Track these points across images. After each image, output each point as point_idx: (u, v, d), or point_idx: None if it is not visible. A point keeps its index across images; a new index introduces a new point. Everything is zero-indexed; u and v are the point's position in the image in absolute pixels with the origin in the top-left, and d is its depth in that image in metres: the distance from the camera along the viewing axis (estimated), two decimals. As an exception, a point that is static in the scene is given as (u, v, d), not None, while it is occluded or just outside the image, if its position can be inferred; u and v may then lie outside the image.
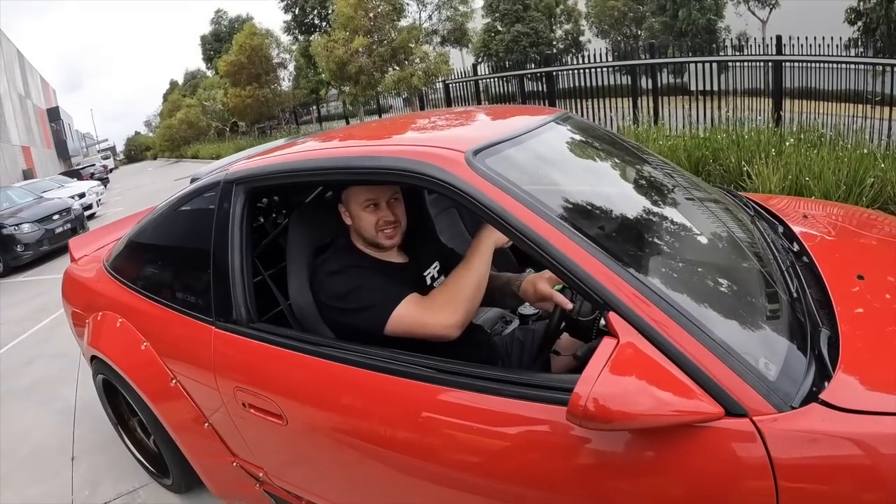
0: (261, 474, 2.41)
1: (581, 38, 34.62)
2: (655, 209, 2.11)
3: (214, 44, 49.87)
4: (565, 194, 1.90)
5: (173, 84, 69.75)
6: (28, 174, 30.73)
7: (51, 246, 12.06)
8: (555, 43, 32.95)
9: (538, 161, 2.01)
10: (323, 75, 25.67)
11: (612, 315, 1.40)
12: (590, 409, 1.26)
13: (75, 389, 4.89)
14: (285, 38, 34.63)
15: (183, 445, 2.68)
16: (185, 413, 2.52)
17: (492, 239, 1.94)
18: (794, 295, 1.70)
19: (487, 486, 1.61)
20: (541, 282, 1.92)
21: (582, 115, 11.01)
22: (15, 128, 33.12)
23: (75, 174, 29.73)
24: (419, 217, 2.61)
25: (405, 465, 1.78)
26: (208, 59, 51.62)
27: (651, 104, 10.03)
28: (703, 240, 2.01)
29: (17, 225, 11.82)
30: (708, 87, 9.39)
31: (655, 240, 1.89)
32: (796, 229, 2.27)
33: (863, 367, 1.44)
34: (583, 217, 1.71)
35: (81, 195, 17.98)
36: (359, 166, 1.92)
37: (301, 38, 35.14)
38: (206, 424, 2.47)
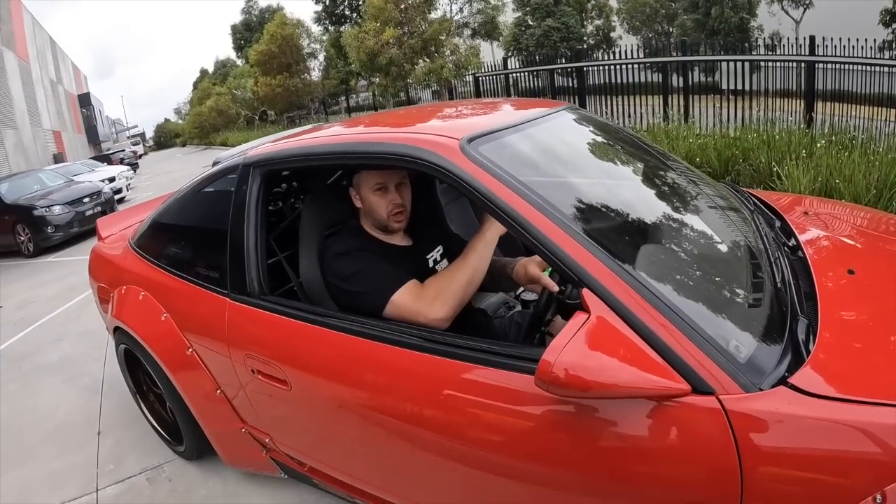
0: (267, 440, 2.62)
1: (612, 35, 34.38)
2: (643, 196, 2.28)
3: (245, 33, 50.38)
4: (552, 180, 2.07)
5: (203, 72, 70.41)
6: (59, 158, 31.24)
7: (81, 228, 12.36)
8: (585, 38, 32.71)
9: (530, 149, 2.15)
10: (353, 66, 25.79)
11: (585, 291, 1.51)
12: (556, 376, 1.36)
13: (103, 367, 5.02)
14: (316, 29, 34.89)
15: (196, 412, 2.89)
16: (199, 380, 2.73)
17: (491, 232, 2.08)
18: (779, 285, 1.79)
19: (469, 445, 1.75)
20: (531, 265, 2.03)
21: (611, 111, 11.05)
22: (46, 113, 33.69)
23: (105, 159, 30.22)
24: (427, 203, 2.79)
25: (401, 430, 1.94)
26: (238, 48, 52.13)
27: (682, 102, 10.00)
28: (691, 228, 2.11)
29: (48, 207, 12.16)
30: (739, 87, 9.35)
31: (638, 225, 2.02)
32: (794, 225, 2.36)
33: (836, 356, 1.52)
34: (565, 201, 1.81)
35: (112, 179, 18.36)
36: (363, 151, 2.11)
37: (331, 28, 35.35)
38: (218, 391, 2.68)
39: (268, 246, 2.46)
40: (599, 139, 2.63)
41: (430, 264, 2.36)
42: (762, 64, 9.40)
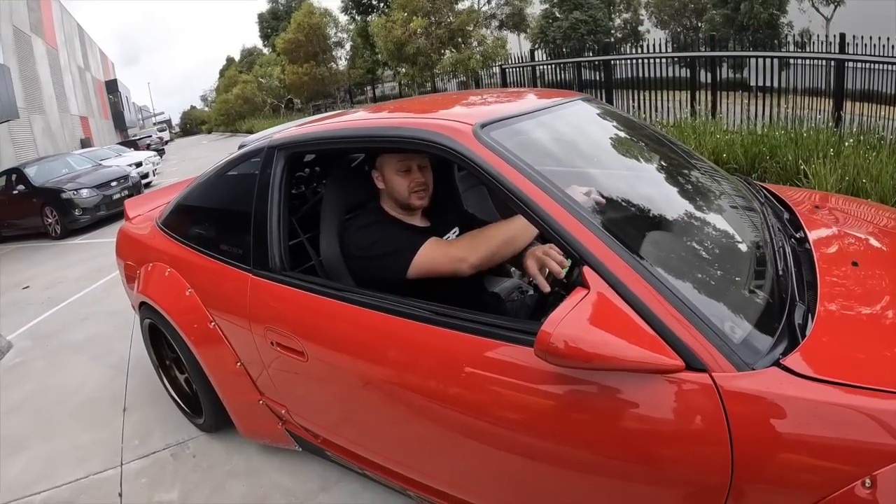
0: (283, 412, 2.77)
1: (640, 28, 34.07)
2: (650, 182, 2.39)
3: (272, 21, 50.58)
4: (560, 164, 2.15)
5: (230, 60, 70.70)
6: (86, 143, 31.64)
7: (108, 211, 12.59)
8: (613, 32, 32.43)
9: (540, 135, 2.27)
10: (380, 56, 25.85)
11: (585, 268, 1.59)
12: (554, 346, 1.45)
13: (129, 346, 5.14)
14: (343, 18, 34.95)
15: (216, 384, 3.05)
16: (220, 353, 2.88)
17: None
18: (780, 273, 1.86)
19: (477, 416, 1.85)
20: (529, 259, 2.03)
21: (638, 106, 11.00)
22: (74, 98, 34.07)
23: (132, 144, 30.68)
24: (446, 188, 2.90)
25: (413, 402, 2.05)
26: (265, 36, 52.31)
27: (709, 98, 9.95)
28: (695, 214, 2.18)
29: (76, 190, 12.39)
30: (767, 84, 9.29)
31: (642, 209, 2.12)
32: (803, 218, 2.42)
33: (830, 342, 1.58)
34: (571, 184, 1.88)
35: (138, 164, 18.56)
36: (382, 135, 2.27)
37: (358, 18, 35.38)
38: (238, 364, 2.83)
39: (290, 226, 2.59)
40: (610, 127, 2.72)
41: None
42: (791, 61, 9.29)
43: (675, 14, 31.00)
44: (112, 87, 52.73)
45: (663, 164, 2.58)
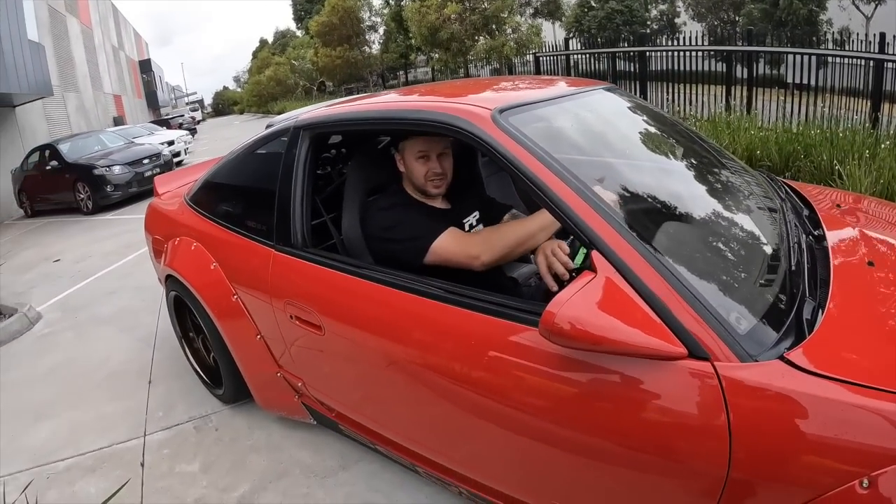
0: (299, 384, 2.87)
1: (676, 21, 33.62)
2: (666, 172, 2.41)
3: (306, 4, 50.75)
4: (575, 150, 2.18)
5: (263, 42, 71.17)
6: (118, 121, 32.07)
7: (139, 188, 12.80)
8: (649, 23, 32.05)
9: (558, 122, 2.31)
10: (413, 40, 25.80)
11: (594, 253, 1.62)
12: (558, 326, 1.48)
13: (157, 320, 5.25)
14: (377, 2, 34.94)
15: (237, 356, 3.17)
16: (241, 326, 3.00)
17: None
18: (793, 268, 1.87)
19: (484, 393, 1.90)
20: (539, 255, 2.01)
21: (672, 99, 10.89)
22: (108, 77, 34.44)
23: (165, 123, 31.04)
24: (469, 171, 2.95)
25: (424, 378, 2.12)
26: (299, 19, 52.50)
27: (744, 93, 9.81)
28: (710, 206, 2.22)
29: (108, 167, 12.63)
30: (804, 81, 9.14)
31: (655, 198, 2.13)
32: (823, 216, 2.42)
33: (837, 339, 1.57)
34: (585, 171, 1.90)
35: (171, 143, 18.83)
36: (403, 118, 2.31)
37: (392, 2, 35.34)
38: (259, 336, 2.94)
39: (313, 204, 2.68)
40: (632, 117, 2.77)
41: (466, 228, 2.52)
42: (829, 59, 9.11)
43: (713, 7, 30.48)
44: (145, 66, 53.23)
45: (683, 155, 2.59)
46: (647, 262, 1.58)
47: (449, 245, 2.24)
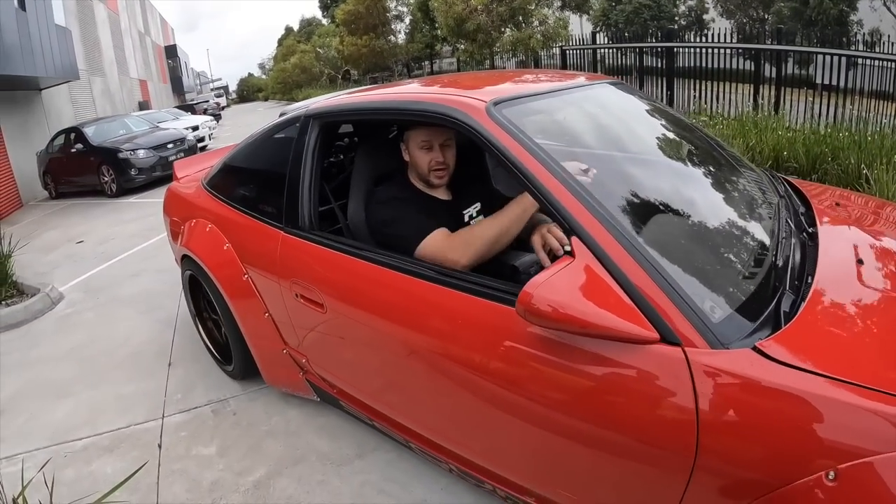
0: (304, 361, 3.03)
1: (704, 17, 33.24)
2: (659, 165, 2.50)
3: (332, -8, 50.64)
4: (564, 142, 2.30)
5: (288, 30, 71.30)
6: (144, 105, 32.34)
7: (163, 172, 12.81)
8: (677, 18, 31.70)
9: (551, 114, 2.44)
10: (439, 31, 25.75)
11: (574, 239, 1.71)
12: (534, 306, 1.57)
13: (178, 303, 5.27)
14: (403, -9, 34.85)
15: (246, 333, 3.33)
16: (251, 303, 3.16)
17: (529, 199, 2.22)
18: (778, 263, 1.91)
19: (470, 369, 2.01)
20: (535, 234, 2.07)
21: (699, 96, 10.79)
22: (134, 62, 34.73)
23: (189, 109, 31.30)
24: (475, 162, 2.99)
25: (419, 353, 2.23)
26: (325, 7, 52.47)
27: (772, 93, 9.69)
28: (699, 199, 2.28)
29: (132, 150, 12.75)
30: (833, 83, 9.00)
31: (644, 189, 2.20)
32: (819, 213, 2.46)
33: (813, 332, 1.61)
34: (573, 160, 2.00)
35: (195, 128, 18.96)
36: (405, 108, 2.46)
37: (418, -8, 35.30)
38: (267, 314, 3.09)
39: (321, 189, 2.83)
40: (628, 110, 2.87)
41: (466, 219, 2.60)
42: (859, 61, 8.97)
43: (742, 4, 30.11)
44: (171, 52, 53.62)
45: (679, 149, 2.67)
46: (625, 249, 1.65)
47: (432, 248, 2.30)
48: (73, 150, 13.67)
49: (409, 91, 2.75)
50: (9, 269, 6.21)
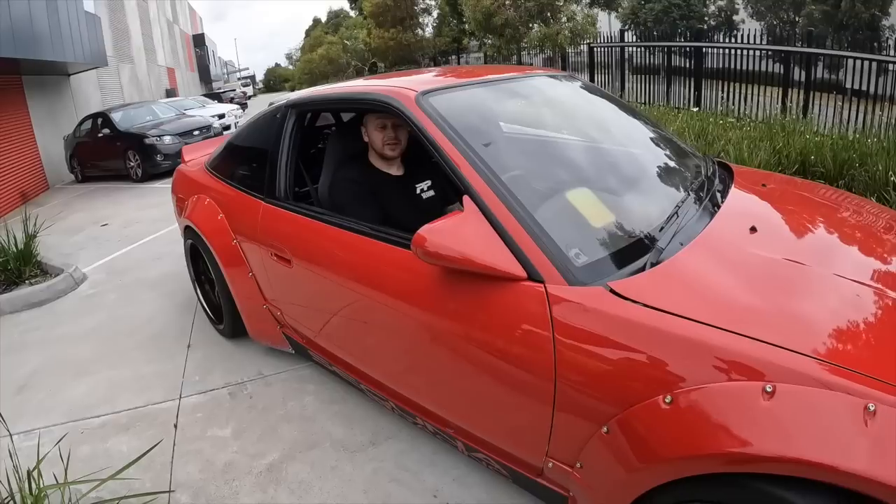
0: (278, 314, 3.51)
1: (734, 18, 32.80)
2: (562, 142, 2.95)
3: (360, -15, 50.63)
4: (475, 123, 2.57)
5: (316, 21, 71.41)
6: (171, 93, 32.61)
7: (189, 158, 12.77)
8: (706, 19, 31.29)
9: (472, 101, 2.74)
10: (467, 25, 25.71)
11: (465, 197, 2.07)
12: (426, 248, 1.91)
13: (199, 285, 5.31)
14: (431, -15, 34.77)
15: (234, 291, 3.78)
16: (238, 265, 3.62)
17: None
18: (662, 224, 2.15)
19: (387, 295, 2.44)
20: None
21: (727, 98, 10.69)
22: (162, 50, 35.01)
23: (216, 97, 31.49)
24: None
25: (357, 295, 2.64)
26: None
27: (801, 96, 9.56)
28: (594, 171, 2.63)
29: (159, 136, 12.90)
30: (863, 88, 8.85)
31: (539, 162, 2.66)
32: (739, 188, 2.72)
33: (668, 279, 1.85)
34: (477, 137, 2.34)
35: (221, 116, 19.15)
36: (354, 98, 3.09)
37: (447, -14, 35.20)
38: (250, 274, 3.56)
39: (297, 169, 3.28)
40: (551, 97, 3.22)
41: (418, 192, 3.09)
42: (889, 66, 8.82)
43: (773, 6, 29.68)
44: (199, 41, 53.93)
45: (591, 129, 3.07)
46: (505, 206, 2.00)
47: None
48: (100, 135, 13.83)
49: (361, 83, 3.22)
50: (34, 250, 6.28)
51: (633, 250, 1.98)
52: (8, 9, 10.08)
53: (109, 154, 13.62)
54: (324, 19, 68.56)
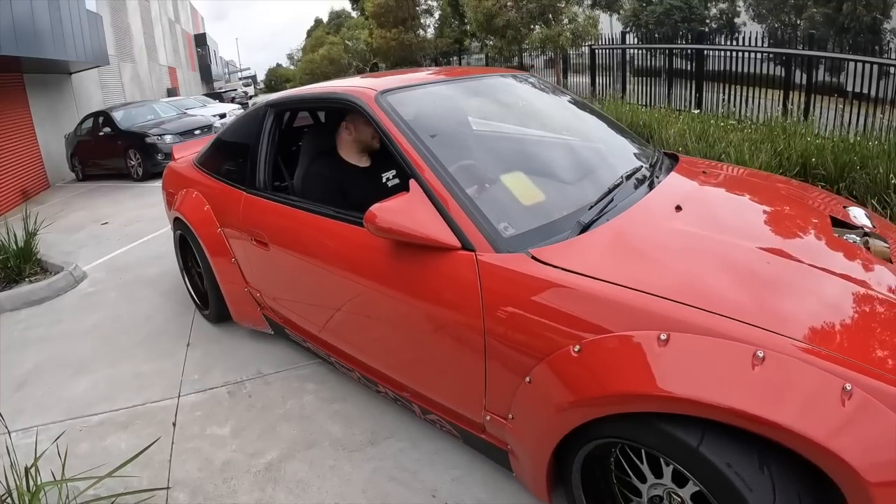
0: (258, 295, 3.78)
1: (736, 20, 32.74)
2: (507, 133, 3.34)
3: (362, -15, 50.61)
4: (426, 118, 2.85)
5: (318, 21, 71.38)
6: (172, 92, 32.63)
7: (190, 157, 12.77)
8: (708, 21, 31.26)
9: (425, 99, 3.06)
10: (469, 26, 25.66)
11: (412, 181, 2.35)
12: (377, 224, 2.21)
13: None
14: (433, -14, 34.71)
15: (218, 276, 4.03)
16: (222, 252, 3.88)
17: None
18: (592, 204, 2.40)
19: (345, 269, 2.77)
20: None
21: (728, 100, 10.68)
22: (163, 49, 35.04)
23: (217, 97, 31.55)
24: None
25: (330, 275, 2.89)
26: (354, 0, 52.40)
27: (802, 99, 9.53)
28: (533, 159, 3.05)
29: (160, 135, 12.84)
30: (864, 91, 8.84)
31: (480, 150, 3.04)
32: (678, 174, 2.98)
33: (586, 248, 2.13)
34: (426, 130, 2.63)
35: (223, 115, 19.11)
36: (321, 97, 3.47)
37: (448, -14, 35.16)
38: (233, 259, 3.82)
39: (275, 163, 3.58)
40: (510, 95, 3.53)
41: (384, 180, 3.34)
42: (891, 70, 8.80)
43: (774, 8, 29.62)
44: (200, 40, 53.94)
45: (536, 121, 3.50)
46: (444, 187, 2.30)
47: None
48: (101, 134, 13.80)
49: (331, 84, 3.49)
50: (34, 247, 6.28)
51: (558, 224, 2.27)
52: (10, 7, 10.09)
53: (110, 153, 13.61)
54: (325, 19, 68.56)
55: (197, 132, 13.54)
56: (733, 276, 1.94)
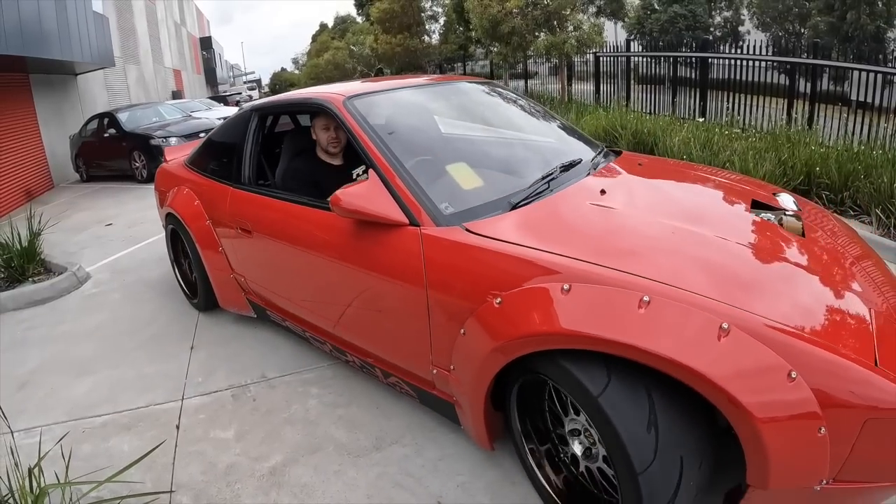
0: (242, 280, 4.12)
1: (740, 29, 32.69)
2: (457, 130, 3.64)
3: (368, -9, 50.66)
4: (387, 119, 3.21)
5: (323, 26, 71.31)
6: (177, 95, 32.69)
7: (194, 160, 12.76)
8: (712, 29, 31.17)
9: (388, 103, 3.44)
10: (474, 33, 25.65)
11: (371, 171, 2.77)
12: (340, 205, 2.59)
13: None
14: (438, -9, 34.70)
15: (207, 265, 4.39)
16: (210, 242, 4.24)
17: None
18: (528, 189, 2.80)
19: (316, 251, 3.16)
20: None
21: (732, 108, 10.64)
22: (169, 52, 35.12)
23: (222, 100, 31.61)
24: None
25: (301, 257, 3.28)
26: (360, 5, 52.34)
27: (806, 108, 9.50)
28: (478, 152, 3.43)
29: (164, 138, 12.78)
30: (868, 100, 8.80)
31: (430, 144, 3.30)
32: (617, 165, 3.37)
33: (514, 222, 2.51)
34: (385, 129, 3.03)
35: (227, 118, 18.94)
36: (296, 102, 4.03)
37: (454, -8, 35.15)
38: (220, 249, 4.18)
39: (258, 161, 3.95)
40: (470, 100, 3.91)
41: (354, 176, 3.36)
42: (894, 79, 8.77)
43: (778, 17, 29.60)
44: (206, 43, 54.06)
45: (486, 121, 3.83)
46: (396, 175, 2.72)
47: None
48: (106, 135, 13.80)
49: (307, 91, 3.88)
50: (37, 247, 6.28)
51: (492, 204, 2.66)
52: (17, 7, 10.10)
53: (115, 154, 13.62)
54: (331, 24, 68.60)
55: (202, 135, 13.41)
56: (637, 242, 2.32)
